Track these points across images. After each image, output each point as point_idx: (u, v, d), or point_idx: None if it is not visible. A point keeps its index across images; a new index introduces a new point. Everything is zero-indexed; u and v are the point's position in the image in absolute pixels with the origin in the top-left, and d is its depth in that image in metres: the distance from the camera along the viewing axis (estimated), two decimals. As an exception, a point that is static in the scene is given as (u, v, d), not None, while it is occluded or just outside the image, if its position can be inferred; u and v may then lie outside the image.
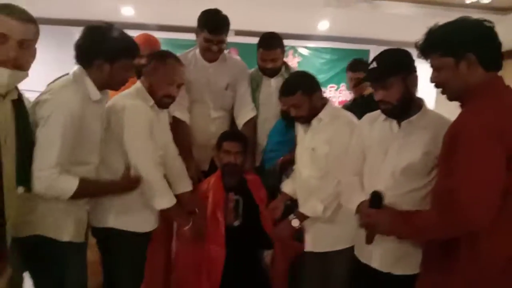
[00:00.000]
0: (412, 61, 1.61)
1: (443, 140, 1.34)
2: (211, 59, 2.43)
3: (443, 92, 1.39)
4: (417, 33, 1.42)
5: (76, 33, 1.71)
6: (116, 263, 1.92)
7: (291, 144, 2.29)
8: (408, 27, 4.08)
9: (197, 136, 2.49)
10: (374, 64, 1.60)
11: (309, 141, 2.02)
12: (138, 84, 1.95)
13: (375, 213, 1.49)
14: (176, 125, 2.39)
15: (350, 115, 2.03)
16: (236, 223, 2.20)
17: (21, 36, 1.36)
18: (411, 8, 4.29)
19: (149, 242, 2.03)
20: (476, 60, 1.28)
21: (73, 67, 1.68)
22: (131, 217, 1.86)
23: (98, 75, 1.65)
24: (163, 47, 2.53)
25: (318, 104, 2.00)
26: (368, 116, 1.82)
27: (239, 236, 2.16)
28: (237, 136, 2.31)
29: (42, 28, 1.48)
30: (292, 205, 2.18)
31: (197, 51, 2.46)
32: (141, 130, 1.82)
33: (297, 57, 4.63)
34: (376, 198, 1.50)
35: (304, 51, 4.73)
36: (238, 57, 2.64)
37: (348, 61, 4.65)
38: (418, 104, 1.63)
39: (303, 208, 1.98)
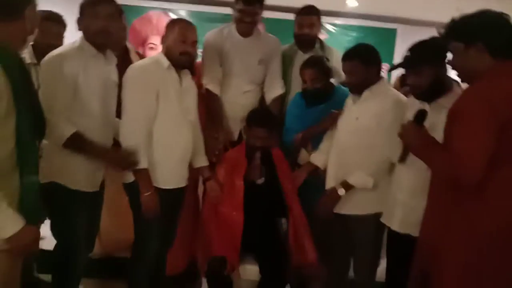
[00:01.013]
0: (442, 50, 1.72)
1: (447, 114, 1.51)
2: (245, 32, 2.50)
3: (457, 75, 1.56)
4: (443, 13, 1.54)
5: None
6: (138, 218, 2.04)
7: (309, 118, 2.37)
8: (436, 7, 4.03)
9: (228, 108, 2.59)
10: (408, 53, 1.82)
11: (355, 111, 2.10)
12: (160, 53, 2.05)
13: (413, 126, 1.61)
14: (209, 97, 2.51)
15: (400, 94, 2.10)
16: (260, 181, 2.31)
17: None
18: (440, -12, 4.23)
19: (181, 205, 2.18)
20: (484, 48, 1.42)
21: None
22: (152, 173, 1.96)
23: (86, 33, 1.85)
24: (191, 20, 2.58)
25: (373, 78, 2.08)
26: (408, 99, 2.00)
27: (261, 195, 2.29)
28: (266, 121, 2.34)
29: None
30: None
31: (233, 26, 2.54)
32: (138, 87, 1.93)
33: (324, 34, 4.62)
34: (420, 114, 1.62)
35: (331, 28, 4.71)
36: (272, 35, 2.70)
37: (375, 40, 4.68)
38: (448, 87, 1.80)
39: (351, 179, 2.04)
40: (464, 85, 1.67)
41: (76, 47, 1.83)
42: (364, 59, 2.06)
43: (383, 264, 2.13)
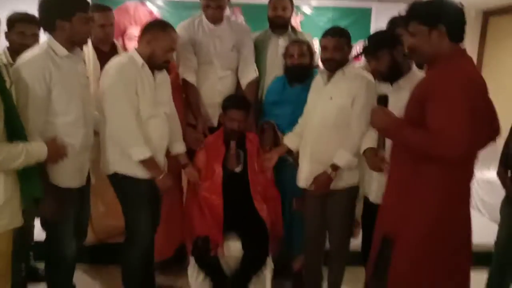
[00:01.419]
0: (396, 36, 1.97)
1: (412, 93, 1.64)
2: (214, 18, 2.59)
3: (411, 57, 1.70)
4: None
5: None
6: (126, 206, 2.17)
7: (286, 104, 2.50)
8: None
9: (206, 95, 2.69)
10: (366, 42, 2.04)
11: (328, 91, 2.20)
12: (133, 50, 2.11)
13: (381, 110, 1.71)
14: (186, 87, 2.62)
15: (370, 76, 2.21)
16: (238, 169, 2.46)
17: None
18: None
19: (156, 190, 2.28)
20: (445, 31, 1.54)
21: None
22: (133, 164, 2.06)
23: (61, 34, 1.86)
24: (167, 9, 2.68)
25: (347, 58, 2.21)
26: None
27: (239, 181, 2.44)
28: (242, 103, 2.48)
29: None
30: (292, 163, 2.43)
31: (203, 16, 2.62)
32: (120, 84, 1.98)
33: (300, 16, 4.69)
34: (382, 98, 1.75)
35: (307, 10, 4.77)
36: (242, 21, 2.79)
37: (351, 20, 4.75)
38: (406, 69, 2.00)
39: (340, 162, 2.13)
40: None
41: (45, 49, 1.84)
42: (348, 39, 2.21)
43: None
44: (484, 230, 3.26)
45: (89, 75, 2.44)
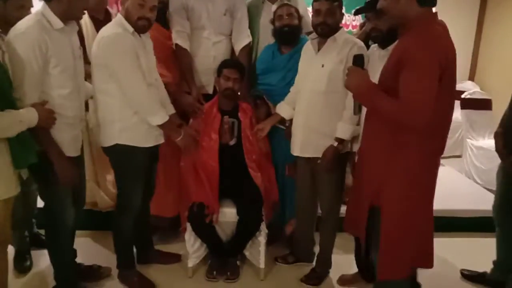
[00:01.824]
0: None
1: (388, 59, 1.67)
2: None
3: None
4: None
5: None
6: (121, 175, 2.19)
7: (276, 71, 2.48)
8: None
9: (200, 61, 2.64)
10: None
11: (320, 58, 2.18)
12: (118, 15, 2.06)
13: (356, 71, 1.68)
14: (179, 52, 2.56)
15: (360, 41, 2.18)
16: (232, 142, 2.48)
17: None
18: None
19: (157, 159, 2.34)
20: None
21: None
22: (133, 132, 2.07)
23: (58, 7, 1.80)
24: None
25: (339, 23, 2.18)
26: None
27: (234, 152, 2.46)
28: (236, 64, 2.50)
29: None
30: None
31: None
32: (125, 55, 1.96)
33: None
34: (358, 58, 1.72)
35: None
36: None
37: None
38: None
39: (344, 135, 2.13)
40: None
41: (39, 20, 1.77)
42: (341, 4, 2.17)
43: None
44: (478, 197, 3.36)
45: (87, 45, 2.41)
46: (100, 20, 2.56)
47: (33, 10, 2.14)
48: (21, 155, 1.66)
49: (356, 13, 2.17)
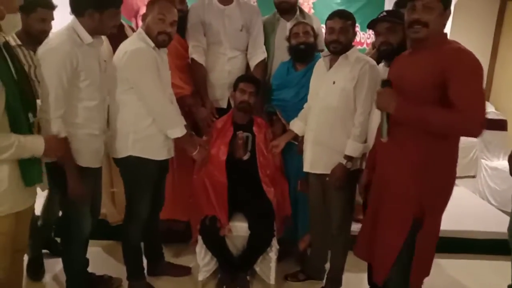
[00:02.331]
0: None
1: (411, 72, 1.65)
2: (227, 2, 2.58)
3: (415, 32, 1.63)
4: None
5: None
6: (131, 187, 2.20)
7: (290, 87, 2.52)
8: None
9: (215, 75, 2.69)
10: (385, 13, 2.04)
11: (332, 75, 2.20)
12: (140, 30, 2.12)
13: (389, 91, 1.66)
14: (194, 67, 2.62)
15: (372, 60, 2.20)
16: (246, 157, 2.50)
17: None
18: None
19: (166, 172, 2.36)
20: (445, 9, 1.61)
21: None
22: (146, 144, 2.11)
23: (89, 23, 1.87)
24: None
25: (351, 42, 2.21)
26: None
27: (247, 166, 2.48)
28: (252, 78, 2.55)
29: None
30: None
31: None
32: (149, 70, 2.02)
33: (312, -3, 4.63)
34: (386, 82, 1.71)
35: (319, -9, 4.70)
36: (252, 2, 2.76)
37: (363, 1, 4.65)
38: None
39: (353, 153, 2.14)
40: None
41: (70, 36, 1.84)
42: (354, 23, 2.21)
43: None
44: (493, 219, 3.31)
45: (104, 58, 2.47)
46: (114, 33, 2.62)
47: (54, 23, 2.23)
48: (29, 174, 1.64)
49: (369, 25, 2.14)
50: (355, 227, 2.36)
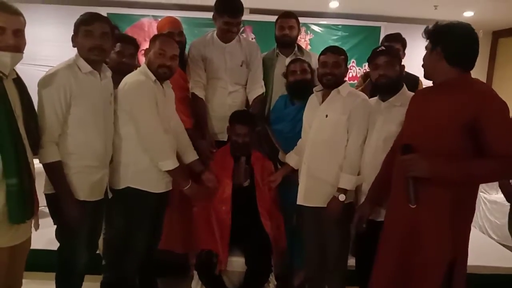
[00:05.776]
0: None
1: (434, 118, 1.63)
2: (229, 40, 2.68)
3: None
4: (425, 11, 1.69)
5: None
6: (127, 219, 2.19)
7: (286, 120, 2.58)
8: (417, 4, 4.16)
9: (215, 109, 2.74)
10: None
11: (324, 109, 2.25)
12: (143, 64, 2.19)
13: (410, 156, 1.63)
14: (195, 101, 2.67)
15: (363, 94, 2.26)
16: (246, 183, 2.50)
17: (15, 27, 1.62)
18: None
19: (165, 205, 2.35)
20: (441, 52, 1.62)
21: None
22: (145, 176, 2.13)
23: (78, 50, 1.93)
24: (182, 26, 2.77)
25: (344, 77, 2.28)
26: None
27: (248, 194, 2.48)
28: (247, 120, 2.52)
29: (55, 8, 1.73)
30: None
31: (215, 33, 2.70)
32: (145, 101, 2.06)
33: (310, 34, 4.76)
34: (407, 148, 1.67)
35: (316, 28, 4.83)
36: (251, 39, 2.85)
37: (360, 38, 4.79)
38: (400, 87, 2.09)
39: (347, 185, 2.14)
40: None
41: (69, 64, 1.90)
42: (346, 59, 2.29)
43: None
44: (494, 253, 3.26)
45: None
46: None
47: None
48: (15, 211, 1.62)
49: (370, 59, 2.14)
50: (351, 261, 2.34)
